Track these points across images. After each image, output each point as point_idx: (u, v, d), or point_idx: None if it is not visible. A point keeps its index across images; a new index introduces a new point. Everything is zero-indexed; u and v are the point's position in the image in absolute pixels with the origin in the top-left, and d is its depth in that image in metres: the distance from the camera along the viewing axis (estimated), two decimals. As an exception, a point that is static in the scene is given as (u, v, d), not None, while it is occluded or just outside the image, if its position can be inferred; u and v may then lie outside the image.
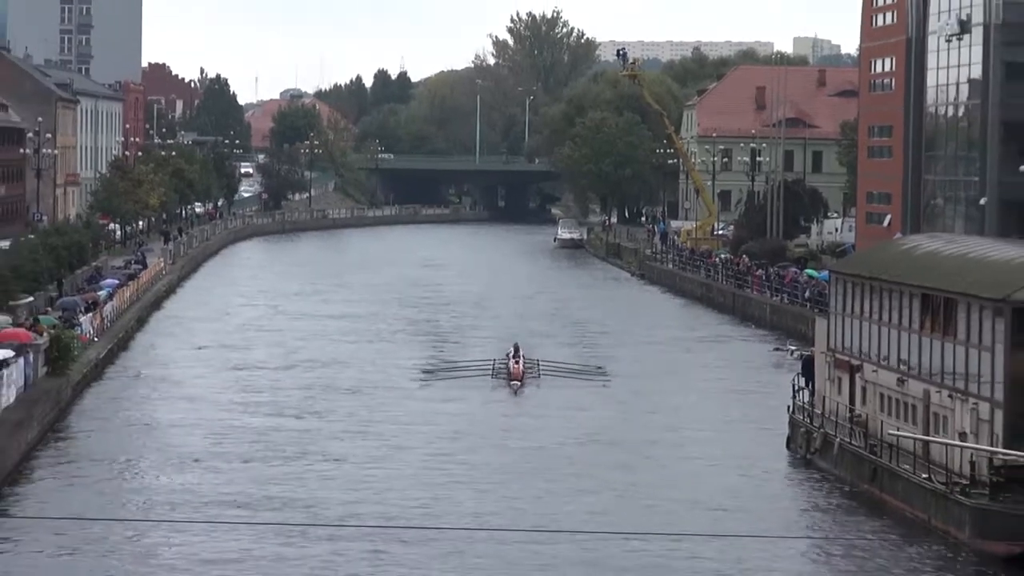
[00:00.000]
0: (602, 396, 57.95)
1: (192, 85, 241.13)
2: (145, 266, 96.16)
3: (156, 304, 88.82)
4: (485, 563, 35.17)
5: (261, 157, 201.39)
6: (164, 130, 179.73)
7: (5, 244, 79.57)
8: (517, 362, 60.04)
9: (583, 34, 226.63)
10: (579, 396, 56.88)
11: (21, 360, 48.89)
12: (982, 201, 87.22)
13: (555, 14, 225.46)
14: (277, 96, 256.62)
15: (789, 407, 51.19)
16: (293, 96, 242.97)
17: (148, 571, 34.57)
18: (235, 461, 47.58)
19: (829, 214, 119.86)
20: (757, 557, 36.08)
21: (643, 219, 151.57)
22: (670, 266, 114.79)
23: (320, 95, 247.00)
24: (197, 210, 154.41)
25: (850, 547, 38.90)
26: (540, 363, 61.99)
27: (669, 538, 36.17)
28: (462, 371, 61.72)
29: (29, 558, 35.22)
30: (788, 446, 49.85)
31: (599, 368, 63.31)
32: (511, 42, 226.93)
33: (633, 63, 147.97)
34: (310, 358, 70.61)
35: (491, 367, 61.50)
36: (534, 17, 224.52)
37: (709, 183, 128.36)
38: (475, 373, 60.61)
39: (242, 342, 76.95)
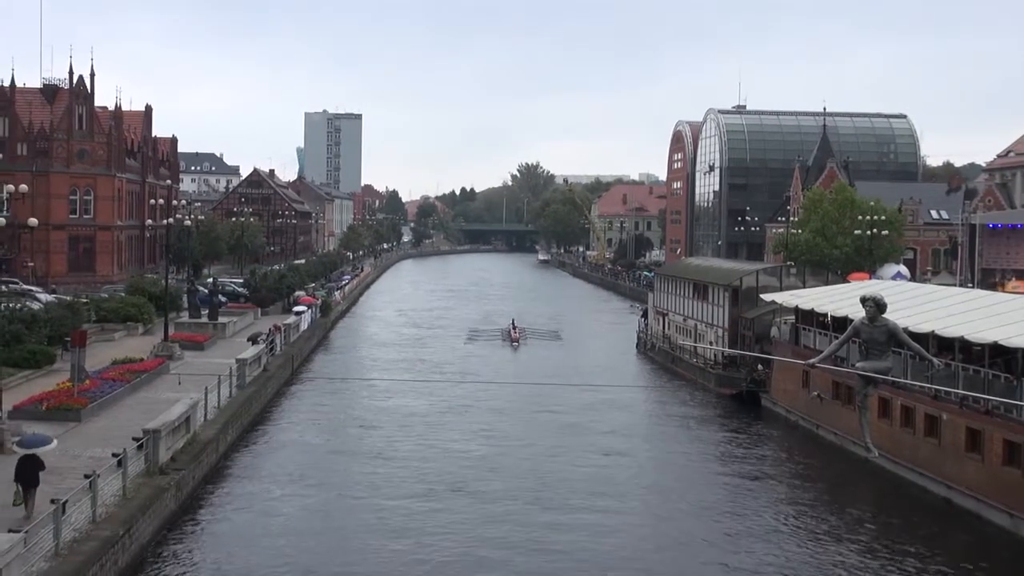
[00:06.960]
0: (555, 341, 53.37)
1: (383, 193, 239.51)
2: (362, 270, 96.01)
3: (367, 286, 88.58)
4: (495, 393, 35.09)
5: (412, 224, 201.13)
6: (371, 213, 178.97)
7: (302, 262, 79.68)
8: (515, 330, 52.56)
9: (548, 171, 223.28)
10: (544, 346, 51.41)
11: (309, 311, 48.86)
12: (720, 243, 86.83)
13: (536, 163, 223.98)
14: (419, 198, 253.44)
15: (637, 331, 51.15)
16: (425, 199, 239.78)
17: (364, 398, 34.45)
18: (401, 346, 48.04)
19: (654, 249, 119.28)
20: (615, 396, 35.74)
21: (574, 251, 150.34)
22: (586, 270, 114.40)
23: (436, 198, 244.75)
24: (384, 247, 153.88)
25: (662, 390, 38.70)
26: (527, 330, 54.62)
27: (572, 385, 36.07)
28: (486, 334, 54.49)
29: (312, 396, 35.07)
30: (636, 348, 49.74)
31: (557, 333, 55.94)
32: (518, 175, 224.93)
33: (570, 185, 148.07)
34: (431, 307, 70.12)
35: (500, 334, 53.44)
36: (528, 164, 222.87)
37: (603, 235, 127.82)
38: (493, 337, 53.60)
39: (402, 300, 76.46)
